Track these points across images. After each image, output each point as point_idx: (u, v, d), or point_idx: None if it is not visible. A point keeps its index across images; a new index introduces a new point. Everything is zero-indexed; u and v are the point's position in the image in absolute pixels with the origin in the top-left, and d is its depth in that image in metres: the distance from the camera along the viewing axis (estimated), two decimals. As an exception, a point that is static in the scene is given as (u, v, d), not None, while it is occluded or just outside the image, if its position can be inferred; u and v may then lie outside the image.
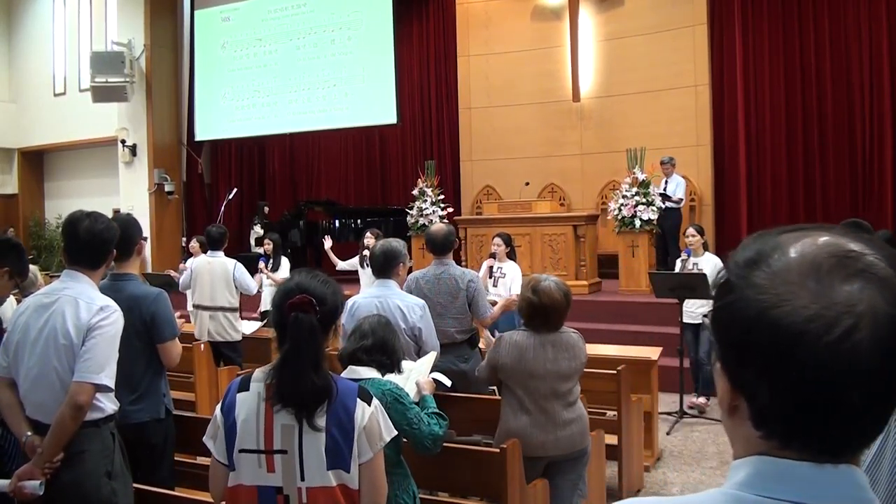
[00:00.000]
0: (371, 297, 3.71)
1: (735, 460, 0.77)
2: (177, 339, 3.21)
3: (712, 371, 4.17)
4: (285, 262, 7.53)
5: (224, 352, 5.93)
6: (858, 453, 0.73)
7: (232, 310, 6.00)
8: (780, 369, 0.68)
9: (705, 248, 6.17)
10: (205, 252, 6.35)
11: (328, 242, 7.80)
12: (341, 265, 7.40)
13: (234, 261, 6.10)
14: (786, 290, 0.69)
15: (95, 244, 2.65)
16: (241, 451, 1.93)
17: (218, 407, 2.01)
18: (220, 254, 6.06)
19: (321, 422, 1.88)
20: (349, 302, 3.72)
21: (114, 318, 2.56)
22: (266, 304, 7.39)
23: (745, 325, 0.70)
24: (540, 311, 3.15)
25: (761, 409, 0.72)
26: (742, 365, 0.72)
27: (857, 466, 0.73)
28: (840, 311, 0.67)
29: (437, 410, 2.69)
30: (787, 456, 0.72)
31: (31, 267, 4.72)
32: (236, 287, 5.97)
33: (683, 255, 6.20)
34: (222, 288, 5.93)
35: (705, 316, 5.78)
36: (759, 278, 0.71)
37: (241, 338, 6.04)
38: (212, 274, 5.95)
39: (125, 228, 3.14)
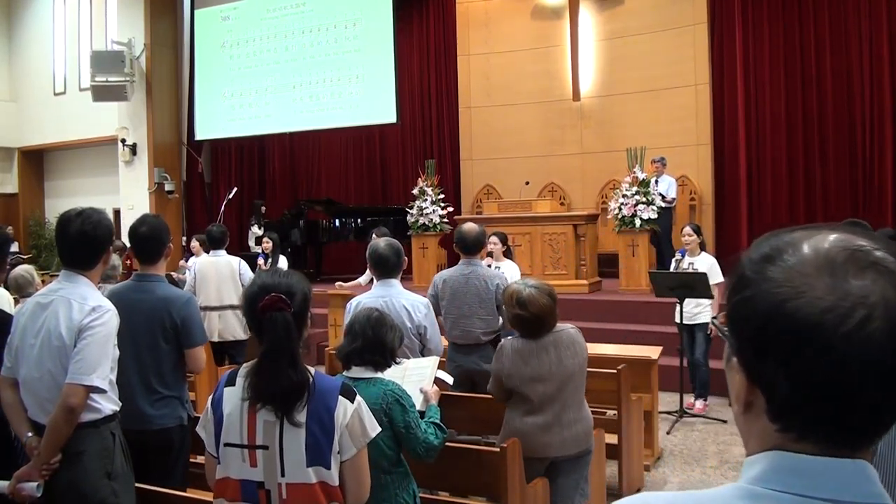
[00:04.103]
0: (375, 296, 3.64)
1: (749, 456, 0.77)
2: (203, 345, 3.18)
3: (709, 372, 4.16)
4: (283, 261, 7.51)
5: (230, 351, 5.93)
6: (871, 445, 0.74)
7: (239, 307, 5.96)
8: (797, 360, 0.69)
9: (702, 247, 6.12)
10: (205, 251, 6.35)
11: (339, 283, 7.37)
12: (363, 280, 7.11)
13: (237, 258, 6.11)
14: (802, 283, 0.70)
15: (86, 244, 2.60)
16: (226, 444, 1.96)
17: (209, 399, 2.05)
18: (223, 252, 6.06)
19: (301, 417, 1.90)
20: (352, 301, 3.70)
21: (106, 319, 2.52)
22: None
23: (762, 318, 0.72)
24: (534, 322, 3.09)
25: (779, 402, 0.72)
26: (759, 358, 0.73)
27: (868, 460, 0.73)
28: (854, 302, 0.68)
29: (438, 422, 2.67)
30: (803, 450, 0.72)
31: (28, 267, 4.73)
32: (242, 284, 5.98)
33: (678, 255, 6.18)
34: (229, 286, 5.93)
35: (714, 317, 5.74)
36: (775, 272, 0.73)
37: (247, 336, 6.01)
38: (218, 273, 5.94)
39: (155, 231, 3.16)
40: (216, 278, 5.92)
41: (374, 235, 6.84)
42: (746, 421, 0.78)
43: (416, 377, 3.00)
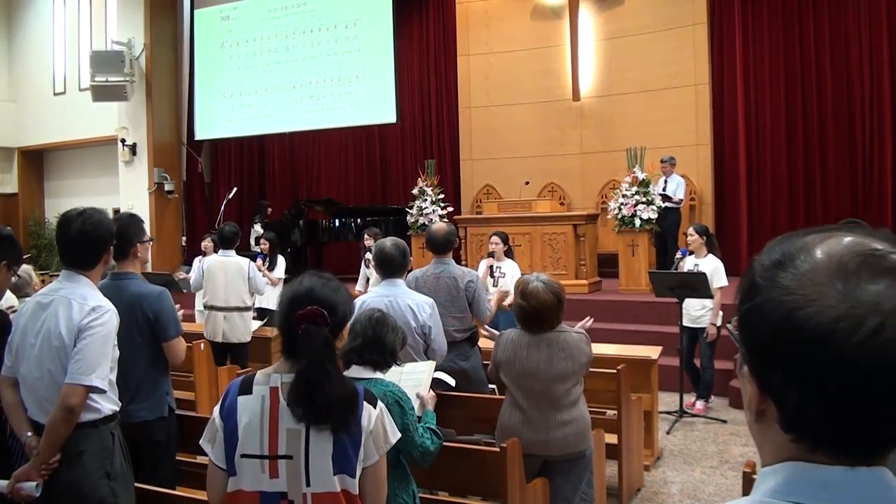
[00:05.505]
0: (380, 296, 3.66)
1: (764, 467, 0.76)
2: (181, 336, 3.20)
3: (713, 374, 4.15)
4: (281, 261, 7.49)
5: (232, 353, 5.89)
6: (888, 453, 0.72)
7: (246, 309, 5.92)
8: (808, 371, 0.67)
9: (711, 248, 6.06)
10: (216, 251, 6.30)
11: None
12: (360, 286, 7.07)
13: (247, 260, 6.03)
14: (813, 291, 0.68)
15: (87, 244, 2.61)
16: (243, 455, 1.89)
17: (216, 409, 1.97)
18: (233, 253, 5.98)
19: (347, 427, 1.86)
20: (358, 301, 3.70)
21: (105, 319, 2.52)
22: (260, 301, 6.96)
23: (772, 326, 0.70)
24: (532, 315, 3.11)
25: (790, 412, 0.70)
26: (770, 367, 0.71)
27: (885, 465, 0.71)
28: (867, 311, 0.66)
29: (434, 427, 2.67)
30: (818, 460, 0.70)
31: (26, 267, 4.71)
32: (251, 287, 5.92)
33: (678, 255, 6.17)
34: (237, 288, 5.84)
35: (729, 322, 5.70)
36: (786, 280, 0.70)
37: (250, 339, 5.99)
38: (226, 274, 5.85)
39: (123, 229, 3.13)
40: (224, 279, 5.83)
41: (366, 236, 6.85)
42: (759, 430, 0.76)
43: (412, 382, 2.98)
